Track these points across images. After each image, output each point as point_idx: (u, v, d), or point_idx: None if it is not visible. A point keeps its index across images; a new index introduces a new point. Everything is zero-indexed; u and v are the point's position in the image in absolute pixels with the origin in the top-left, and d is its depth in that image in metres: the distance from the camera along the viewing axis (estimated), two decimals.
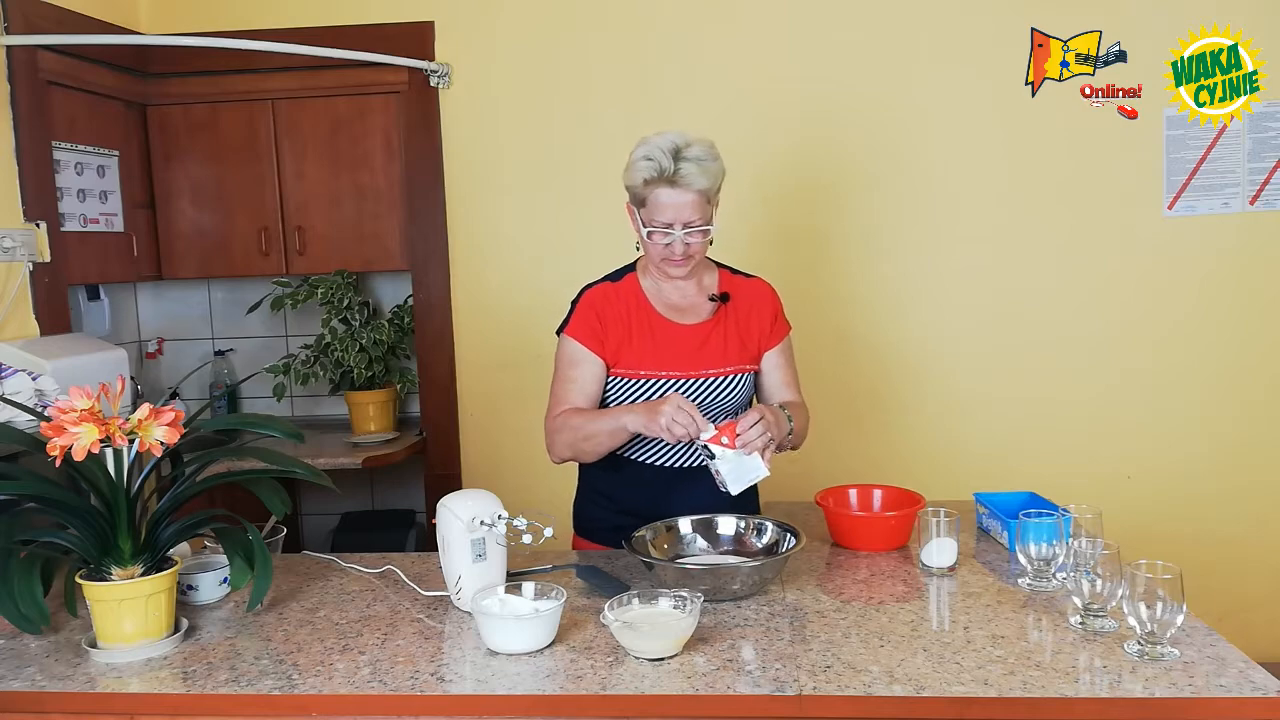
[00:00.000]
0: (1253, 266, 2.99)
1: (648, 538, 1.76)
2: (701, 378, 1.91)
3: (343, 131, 3.19)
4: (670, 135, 1.81)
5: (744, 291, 2.01)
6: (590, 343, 1.92)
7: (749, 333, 1.98)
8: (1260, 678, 1.30)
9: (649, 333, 1.93)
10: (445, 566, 1.63)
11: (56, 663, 1.46)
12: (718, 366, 1.93)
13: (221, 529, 1.59)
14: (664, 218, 1.81)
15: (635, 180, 1.83)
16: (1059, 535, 1.60)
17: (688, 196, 1.79)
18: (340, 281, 3.25)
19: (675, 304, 1.97)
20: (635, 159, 1.83)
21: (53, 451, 1.40)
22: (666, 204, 1.80)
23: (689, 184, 1.78)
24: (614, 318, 1.94)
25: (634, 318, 1.94)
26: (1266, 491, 3.05)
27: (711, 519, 1.83)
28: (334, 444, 3.19)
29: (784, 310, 2.06)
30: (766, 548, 1.76)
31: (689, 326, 1.95)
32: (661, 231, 1.83)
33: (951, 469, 3.05)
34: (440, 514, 1.62)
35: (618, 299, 1.96)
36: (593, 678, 1.35)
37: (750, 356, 1.98)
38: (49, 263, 2.66)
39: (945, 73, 3.00)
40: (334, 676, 1.39)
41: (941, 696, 1.28)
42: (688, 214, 1.81)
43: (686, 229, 1.82)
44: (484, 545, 1.59)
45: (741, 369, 1.95)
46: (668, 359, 1.91)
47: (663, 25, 3.05)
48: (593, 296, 1.97)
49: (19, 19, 2.57)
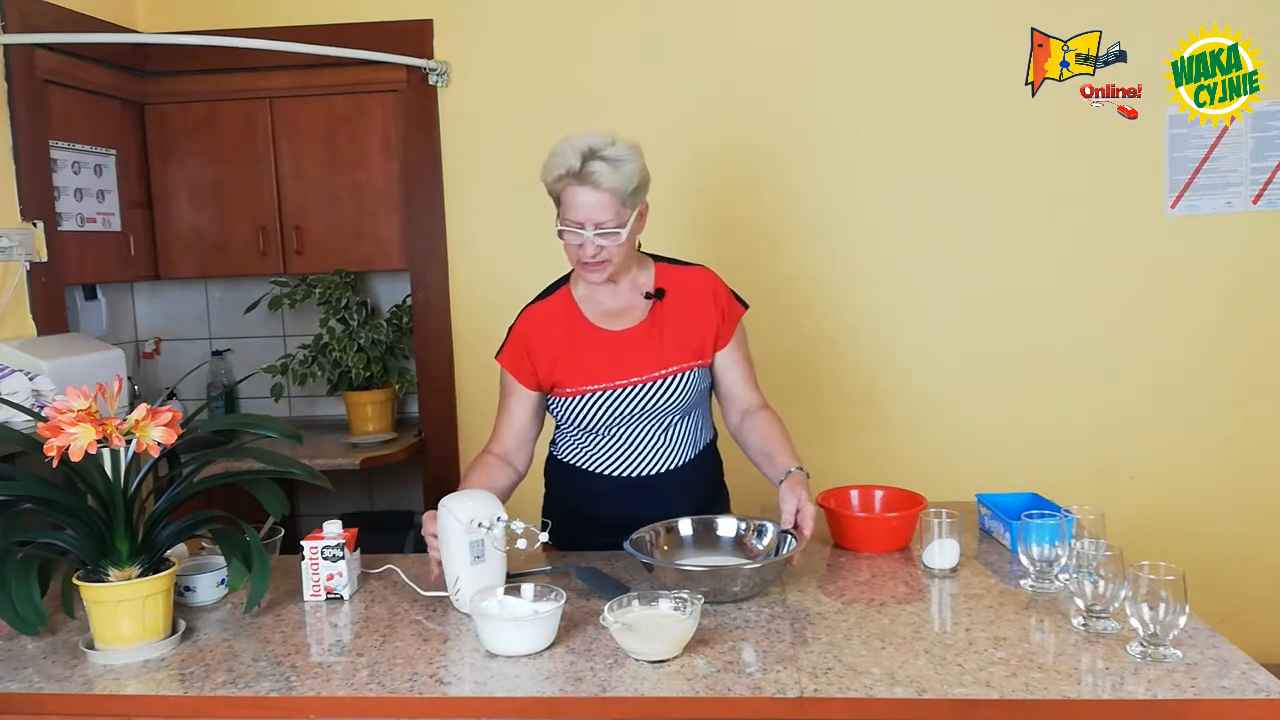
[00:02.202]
0: (1256, 266, 2.99)
1: (648, 539, 1.75)
2: (641, 383, 1.87)
3: (341, 130, 3.18)
4: (591, 134, 1.77)
5: (681, 284, 1.94)
6: (518, 373, 1.93)
7: (691, 327, 1.91)
8: (1263, 679, 1.29)
9: (582, 346, 1.90)
10: (445, 567, 1.63)
11: (54, 664, 1.46)
12: (657, 369, 1.88)
13: (219, 530, 1.59)
14: (574, 217, 1.78)
15: (548, 177, 1.80)
16: (1061, 536, 1.59)
17: (597, 196, 1.75)
18: (338, 281, 3.24)
19: (609, 309, 1.92)
20: (549, 156, 1.79)
21: (50, 452, 1.39)
22: (577, 203, 1.76)
23: (597, 182, 1.73)
24: (542, 340, 1.91)
25: (565, 334, 1.91)
26: (1270, 492, 3.04)
27: (712, 520, 1.81)
28: (332, 445, 3.19)
29: (733, 292, 1.98)
30: (767, 549, 1.75)
31: (621, 333, 1.90)
32: (573, 231, 1.79)
33: (953, 470, 3.05)
34: (440, 515, 1.61)
35: (547, 318, 1.93)
36: (592, 680, 1.34)
37: (694, 352, 1.91)
38: (46, 262, 2.65)
39: (945, 72, 2.99)
40: (332, 678, 1.38)
41: (943, 699, 1.27)
42: (598, 214, 1.76)
43: (598, 230, 1.77)
44: (482, 547, 1.59)
45: (685, 366, 1.90)
46: (602, 370, 1.88)
47: (662, 24, 3.05)
48: (522, 321, 1.96)
49: (16, 18, 2.56)
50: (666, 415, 1.91)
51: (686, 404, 1.92)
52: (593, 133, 1.78)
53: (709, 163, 3.02)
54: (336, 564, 1.67)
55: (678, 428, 1.94)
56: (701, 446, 1.99)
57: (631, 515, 1.81)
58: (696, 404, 1.95)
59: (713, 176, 3.02)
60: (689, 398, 1.91)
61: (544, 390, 1.94)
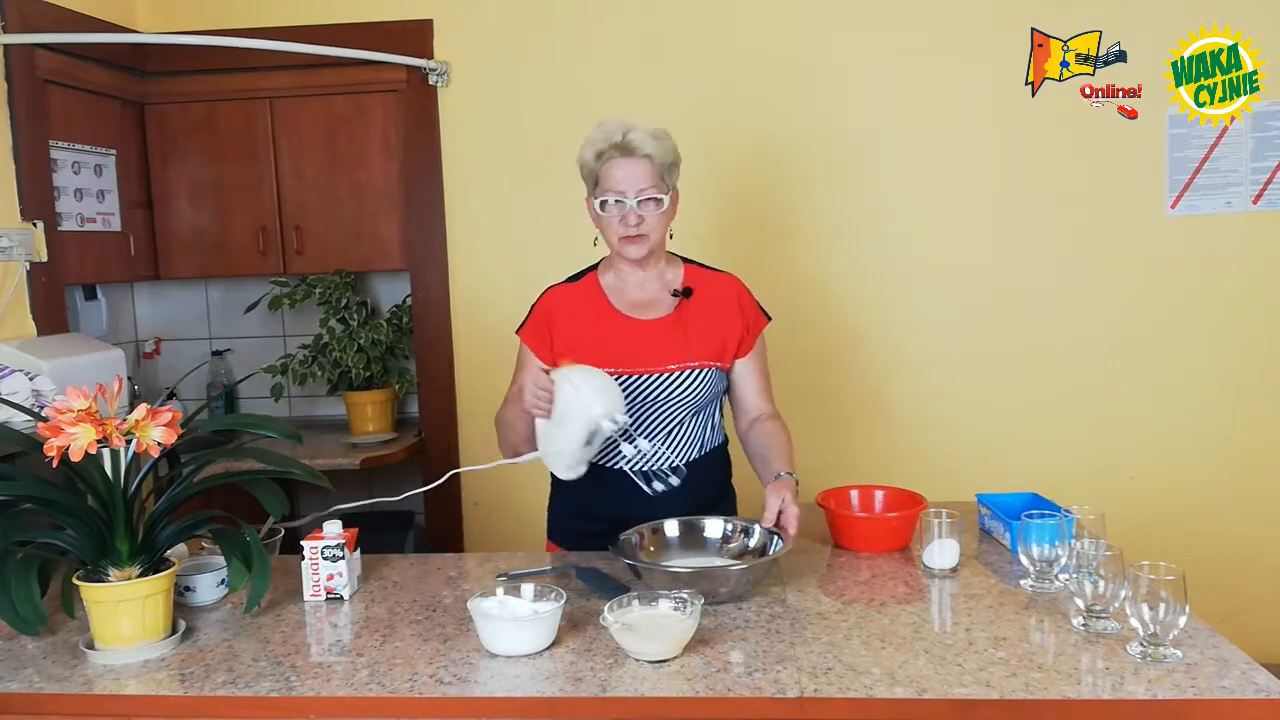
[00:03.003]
0: (1256, 266, 2.99)
1: (634, 541, 1.75)
2: (660, 372, 1.89)
3: (341, 130, 3.18)
4: (621, 118, 1.88)
5: (709, 287, 1.98)
6: (537, 347, 1.96)
7: (715, 330, 1.95)
8: (1263, 679, 1.29)
9: (606, 329, 1.92)
10: (550, 431, 1.74)
11: (53, 664, 1.46)
12: (677, 361, 1.90)
13: (219, 530, 1.59)
14: (617, 186, 1.85)
15: (587, 156, 1.88)
16: (1061, 536, 1.59)
17: (639, 165, 1.84)
18: (338, 281, 3.24)
19: (636, 300, 1.95)
20: (586, 138, 1.89)
21: (50, 452, 1.39)
22: (618, 174, 1.85)
23: (640, 149, 1.84)
24: (566, 319, 1.94)
25: (590, 316, 1.94)
26: (1270, 492, 3.05)
27: (698, 521, 1.81)
28: (332, 444, 3.19)
29: (758, 302, 2.03)
30: (755, 550, 1.74)
31: (647, 321, 1.93)
32: (615, 200, 1.85)
33: (953, 470, 3.05)
34: (572, 389, 1.69)
35: (574, 298, 1.97)
36: (592, 680, 1.34)
37: (715, 353, 1.94)
38: (46, 262, 2.65)
39: (945, 72, 2.99)
40: (332, 678, 1.38)
41: (943, 699, 1.27)
42: (641, 181, 1.84)
43: (639, 196, 1.84)
44: (595, 437, 1.71)
45: (705, 365, 1.92)
46: (623, 355, 1.89)
47: (662, 24, 3.05)
48: (547, 298, 2.00)
49: (16, 18, 2.56)
50: (678, 410, 1.92)
51: (699, 402, 1.93)
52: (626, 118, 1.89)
53: (709, 162, 3.02)
54: (336, 564, 1.67)
55: (686, 425, 1.95)
56: (709, 449, 2.00)
57: (636, 513, 1.82)
58: (708, 404, 1.97)
59: (712, 176, 3.02)
60: (703, 396, 1.93)
61: None
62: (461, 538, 3.25)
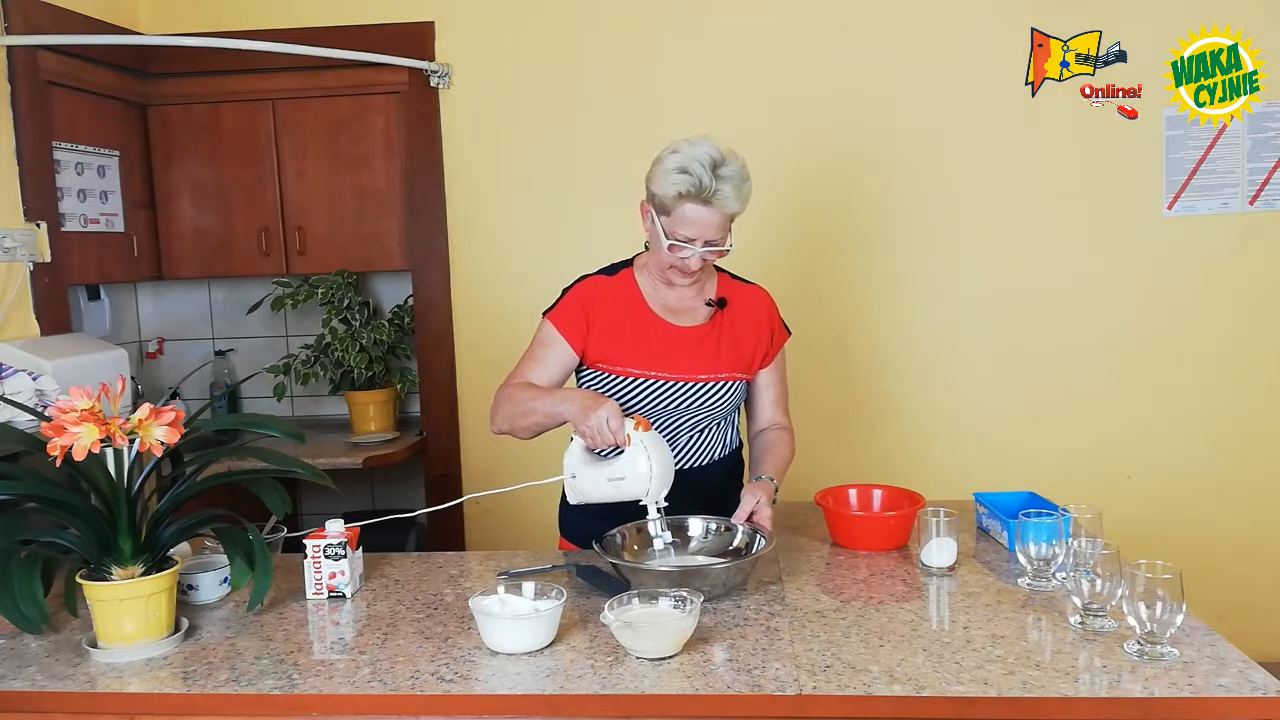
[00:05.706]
0: (1252, 266, 2.99)
1: (618, 540, 1.75)
2: (694, 381, 1.90)
3: (343, 131, 3.20)
4: (705, 147, 1.76)
5: (742, 299, 1.99)
6: (569, 332, 1.91)
7: (744, 342, 1.96)
8: (1260, 677, 1.30)
9: (643, 331, 1.92)
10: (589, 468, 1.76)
11: (57, 662, 1.46)
12: (710, 372, 1.91)
13: (222, 529, 1.59)
14: (688, 233, 1.78)
15: (667, 191, 1.76)
16: (1058, 535, 1.60)
17: (717, 217, 1.78)
18: (340, 281, 3.25)
19: (671, 305, 1.95)
20: (669, 169, 1.76)
21: (53, 451, 1.40)
22: (694, 220, 1.77)
23: (722, 206, 1.76)
24: (603, 312, 1.92)
25: (627, 314, 1.93)
26: (1266, 491, 3.05)
27: (681, 520, 1.81)
28: (334, 444, 3.20)
29: (782, 317, 2.05)
30: (737, 549, 1.75)
31: (685, 329, 1.93)
32: (682, 245, 1.80)
33: (951, 469, 3.05)
34: (645, 460, 1.68)
35: (612, 293, 1.94)
36: (593, 677, 1.35)
37: (743, 365, 1.96)
38: (49, 263, 2.67)
39: (945, 73, 3.00)
40: (334, 676, 1.39)
41: (941, 696, 1.28)
42: (712, 233, 1.79)
43: (707, 246, 1.80)
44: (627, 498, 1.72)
45: (734, 377, 1.94)
46: (660, 359, 1.90)
47: (662, 26, 3.05)
48: (586, 288, 1.95)
49: (19, 19, 2.57)
50: (703, 419, 1.93)
51: (723, 411, 1.96)
52: (704, 144, 1.77)
53: None
54: (339, 562, 1.68)
55: (708, 432, 1.97)
56: (722, 455, 2.01)
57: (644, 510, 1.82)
58: (730, 413, 2.00)
59: None
60: (728, 406, 1.96)
61: (582, 359, 1.93)
62: (463, 536, 3.27)
